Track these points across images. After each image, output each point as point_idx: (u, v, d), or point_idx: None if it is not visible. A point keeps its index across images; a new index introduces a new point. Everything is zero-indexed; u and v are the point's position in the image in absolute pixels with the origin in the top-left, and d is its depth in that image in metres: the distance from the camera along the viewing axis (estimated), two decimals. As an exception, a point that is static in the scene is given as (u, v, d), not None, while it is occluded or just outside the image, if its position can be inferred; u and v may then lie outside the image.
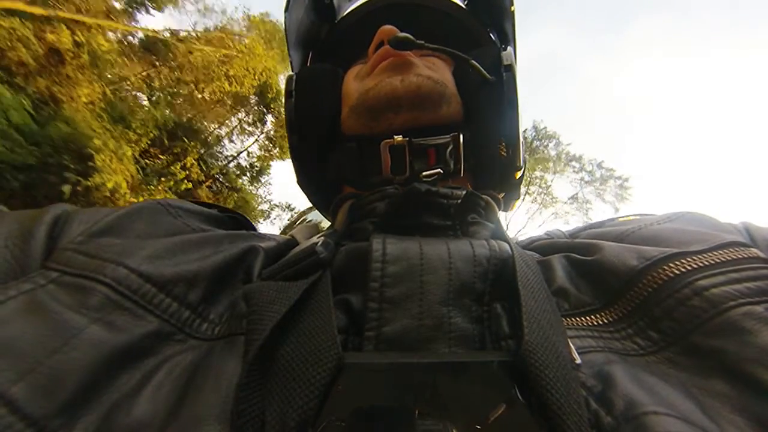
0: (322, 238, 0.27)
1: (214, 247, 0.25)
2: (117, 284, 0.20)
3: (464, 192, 0.28)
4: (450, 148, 0.31)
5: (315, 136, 0.35)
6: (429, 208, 0.28)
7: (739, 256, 0.21)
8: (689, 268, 0.21)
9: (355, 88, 0.34)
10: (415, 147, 0.30)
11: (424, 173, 0.30)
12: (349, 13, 0.41)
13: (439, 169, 0.30)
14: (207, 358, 0.20)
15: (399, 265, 0.22)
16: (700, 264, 0.21)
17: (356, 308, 0.22)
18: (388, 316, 0.21)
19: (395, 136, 0.30)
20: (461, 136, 0.31)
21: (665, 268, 0.21)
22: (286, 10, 0.40)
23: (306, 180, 0.39)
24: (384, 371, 0.19)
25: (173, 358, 0.19)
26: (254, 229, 0.35)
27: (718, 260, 0.21)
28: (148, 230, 0.25)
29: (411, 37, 0.31)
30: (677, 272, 0.21)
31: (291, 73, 0.39)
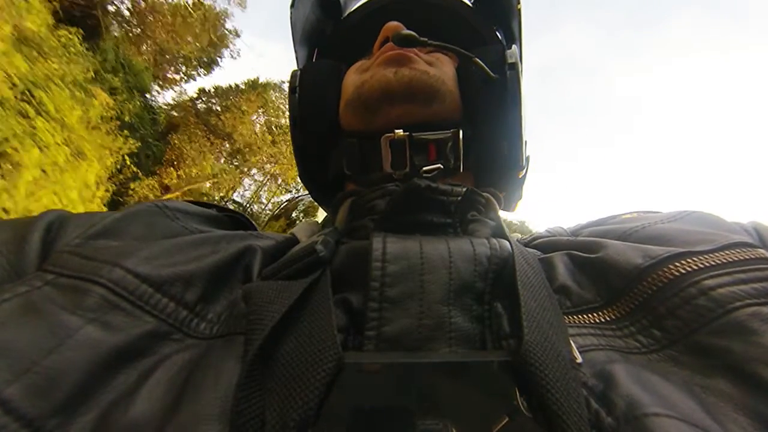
0: (322, 236, 0.26)
1: (211, 247, 0.25)
2: (113, 285, 0.20)
3: (464, 189, 0.28)
4: (450, 143, 0.31)
5: (317, 132, 0.36)
6: (429, 206, 0.28)
7: (746, 257, 0.21)
8: (695, 267, 0.21)
9: (351, 82, 0.34)
10: (415, 141, 0.30)
11: (424, 168, 0.30)
12: (355, 9, 0.41)
13: (439, 164, 0.30)
14: (205, 357, 0.20)
15: (399, 264, 0.22)
16: (707, 264, 0.21)
17: (356, 307, 0.22)
18: (388, 315, 0.20)
19: (396, 131, 0.30)
20: (461, 133, 0.31)
21: (671, 267, 0.21)
22: (292, 5, 0.40)
23: (308, 176, 0.39)
24: (384, 371, 0.19)
25: (171, 357, 0.19)
26: (254, 228, 0.35)
27: (724, 260, 0.21)
28: (144, 232, 0.25)
29: (415, 34, 0.31)
30: (683, 271, 0.21)
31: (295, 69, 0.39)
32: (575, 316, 0.22)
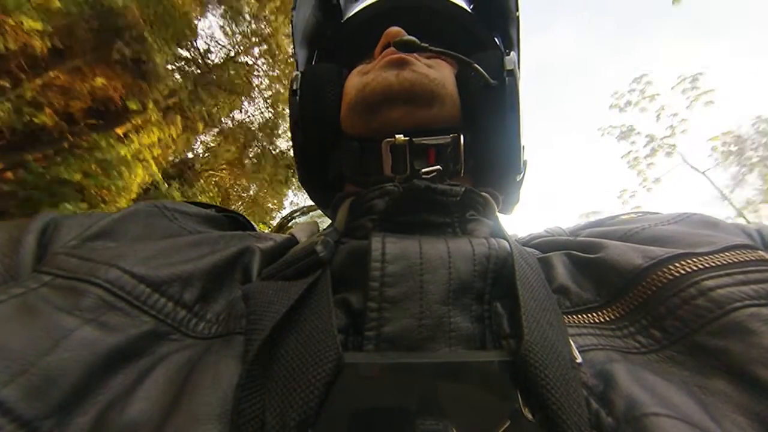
0: (322, 236, 0.26)
1: (209, 247, 0.25)
2: (110, 285, 0.20)
3: (463, 189, 0.28)
4: (450, 149, 0.31)
5: (317, 135, 0.36)
6: (428, 206, 0.28)
7: (747, 259, 0.21)
8: (695, 268, 0.21)
9: (353, 85, 0.34)
10: (415, 146, 0.30)
11: (423, 170, 0.30)
12: (355, 13, 0.41)
13: (438, 166, 0.30)
14: (204, 357, 0.19)
15: (398, 264, 0.22)
16: (707, 265, 0.21)
17: (356, 308, 0.22)
18: (388, 315, 0.20)
19: (396, 136, 0.30)
20: (462, 138, 0.31)
21: (670, 267, 0.21)
22: (294, 8, 0.40)
23: (308, 178, 0.39)
24: (384, 371, 0.18)
25: (169, 357, 0.19)
26: (253, 228, 0.35)
27: (724, 262, 0.21)
28: (143, 233, 0.25)
29: (416, 40, 0.31)
30: (683, 272, 0.21)
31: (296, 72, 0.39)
32: (575, 316, 0.22)
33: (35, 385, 0.16)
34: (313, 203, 0.44)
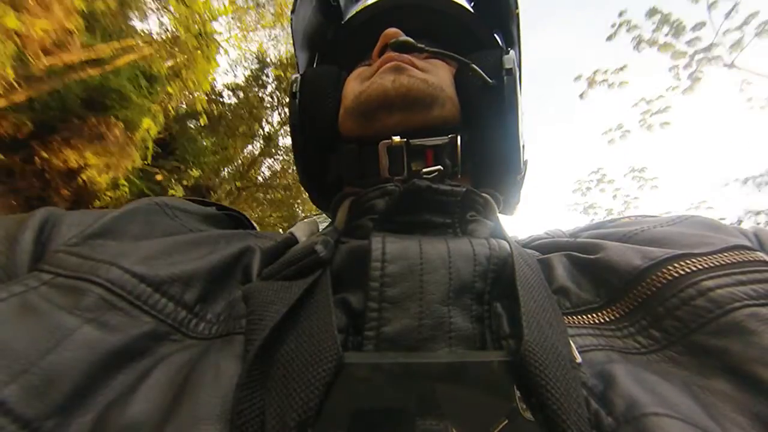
0: (322, 236, 0.26)
1: (210, 247, 0.25)
2: (111, 285, 0.20)
3: (463, 189, 0.28)
4: (448, 149, 0.31)
5: (317, 137, 0.36)
6: (429, 206, 0.28)
7: (745, 259, 0.21)
8: (694, 268, 0.21)
9: (351, 90, 0.34)
10: (413, 148, 0.30)
11: (424, 170, 0.30)
12: (355, 14, 0.41)
13: (439, 166, 0.30)
14: (204, 357, 0.19)
15: (399, 264, 0.22)
16: (706, 265, 0.21)
17: (356, 308, 0.22)
18: (388, 315, 0.20)
19: (393, 137, 0.30)
20: (459, 138, 0.31)
21: (670, 268, 0.21)
22: (293, 11, 0.40)
23: (308, 179, 0.39)
24: (384, 371, 0.18)
25: (169, 357, 0.19)
26: (253, 227, 0.35)
27: (723, 262, 0.21)
28: (143, 231, 0.25)
29: (412, 41, 0.31)
30: (682, 272, 0.21)
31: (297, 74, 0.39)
32: (574, 317, 0.22)
33: (36, 385, 0.16)
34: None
